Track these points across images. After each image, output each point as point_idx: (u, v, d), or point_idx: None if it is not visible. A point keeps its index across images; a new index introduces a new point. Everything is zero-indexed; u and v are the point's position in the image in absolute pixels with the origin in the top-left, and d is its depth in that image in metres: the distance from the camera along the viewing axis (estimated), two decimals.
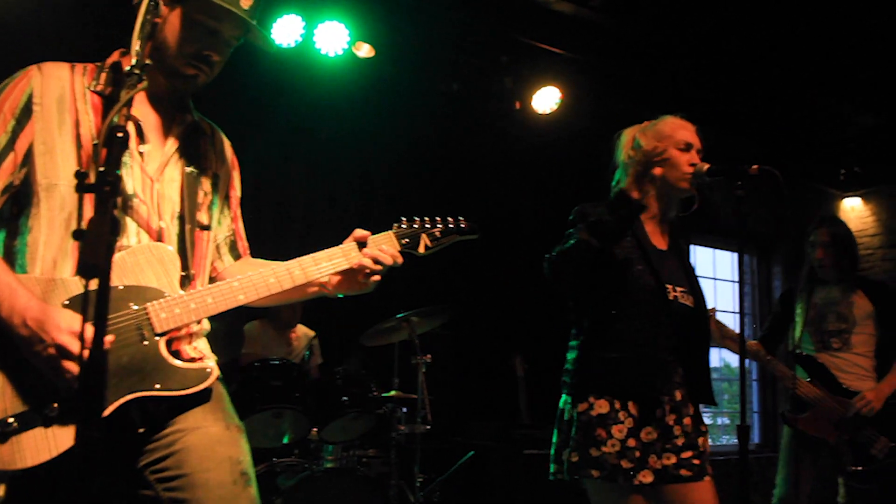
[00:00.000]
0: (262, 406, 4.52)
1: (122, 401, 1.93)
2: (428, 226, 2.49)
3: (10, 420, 1.84)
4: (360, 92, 6.36)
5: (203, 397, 2.15)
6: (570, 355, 3.16)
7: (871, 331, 4.69)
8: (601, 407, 2.95)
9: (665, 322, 3.05)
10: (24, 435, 1.84)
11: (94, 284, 1.30)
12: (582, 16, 5.99)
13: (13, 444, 1.83)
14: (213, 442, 2.08)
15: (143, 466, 2.06)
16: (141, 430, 2.02)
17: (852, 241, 4.88)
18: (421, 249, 2.45)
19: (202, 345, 2.21)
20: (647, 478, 2.90)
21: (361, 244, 2.35)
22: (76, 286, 1.94)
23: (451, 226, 2.53)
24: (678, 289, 3.12)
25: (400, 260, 2.37)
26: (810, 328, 4.79)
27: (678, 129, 3.17)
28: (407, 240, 2.43)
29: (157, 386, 1.99)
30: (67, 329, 1.81)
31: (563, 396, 3.13)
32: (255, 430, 4.60)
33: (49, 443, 1.85)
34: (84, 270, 1.29)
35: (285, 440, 4.79)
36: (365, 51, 6.02)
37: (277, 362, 4.72)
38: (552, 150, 7.40)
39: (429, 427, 5.04)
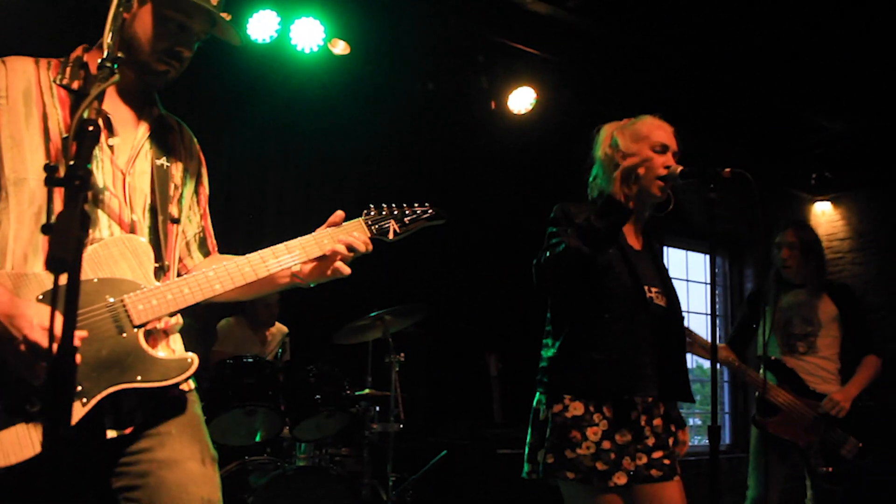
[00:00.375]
0: (234, 404, 4.50)
1: (104, 394, 1.91)
2: (396, 212, 2.50)
3: None
4: (335, 89, 6.34)
5: (179, 406, 2.15)
6: (547, 353, 3.14)
7: (835, 333, 4.75)
8: (576, 409, 2.95)
9: (643, 322, 3.07)
10: (4, 432, 1.82)
11: (63, 279, 1.28)
12: (558, 16, 6.00)
13: None
14: (188, 481, 2.06)
15: (117, 489, 2.04)
16: (112, 436, 1.99)
17: (819, 245, 4.94)
18: (390, 236, 2.46)
19: (177, 342, 2.19)
20: (621, 479, 2.90)
21: (335, 227, 2.35)
22: (50, 281, 1.91)
23: (417, 212, 2.54)
24: (653, 289, 3.13)
25: (370, 247, 2.37)
26: (777, 331, 4.85)
27: (655, 130, 3.16)
28: (377, 227, 2.44)
29: (139, 378, 1.96)
30: (39, 324, 1.79)
31: (538, 395, 3.12)
32: (227, 427, 4.58)
33: (32, 439, 1.82)
34: (53, 265, 1.27)
35: (258, 438, 4.76)
36: (340, 48, 6.00)
37: (250, 360, 4.69)
38: (527, 149, 7.43)
39: (402, 426, 5.05)
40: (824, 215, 9.83)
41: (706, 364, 9.80)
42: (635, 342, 3.04)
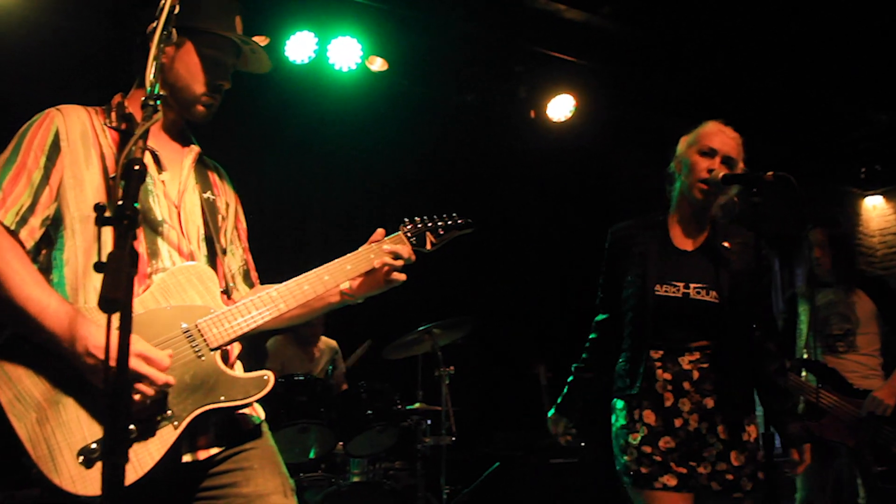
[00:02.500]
0: (287, 422, 4.55)
1: (193, 415, 1.99)
2: (430, 224, 2.61)
3: (94, 446, 1.87)
4: (374, 106, 6.39)
5: (255, 438, 2.22)
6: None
7: (874, 329, 4.67)
8: (622, 418, 3.09)
9: (648, 322, 3.07)
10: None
11: (115, 318, 1.32)
12: (593, 23, 5.99)
13: (100, 470, 1.83)
14: None
15: None
16: (187, 460, 2.04)
17: (850, 241, 4.88)
18: (427, 247, 2.58)
19: (238, 363, 2.26)
20: (670, 481, 2.92)
21: (377, 242, 2.45)
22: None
23: (449, 222, 2.67)
24: (692, 285, 3.10)
25: (414, 257, 2.48)
26: (815, 332, 4.77)
27: (709, 135, 3.14)
28: (415, 239, 2.54)
29: (223, 398, 2.04)
30: (133, 353, 1.84)
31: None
32: (280, 445, 4.56)
33: (133, 463, 1.89)
34: (105, 304, 1.32)
35: (311, 455, 4.82)
36: (378, 65, 6.05)
37: (301, 378, 4.75)
38: (569, 156, 7.40)
39: (454, 438, 5.06)
40: (875, 210, 9.62)
41: None
42: (640, 340, 3.10)
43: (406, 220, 2.57)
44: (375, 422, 4.78)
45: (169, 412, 1.95)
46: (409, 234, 2.53)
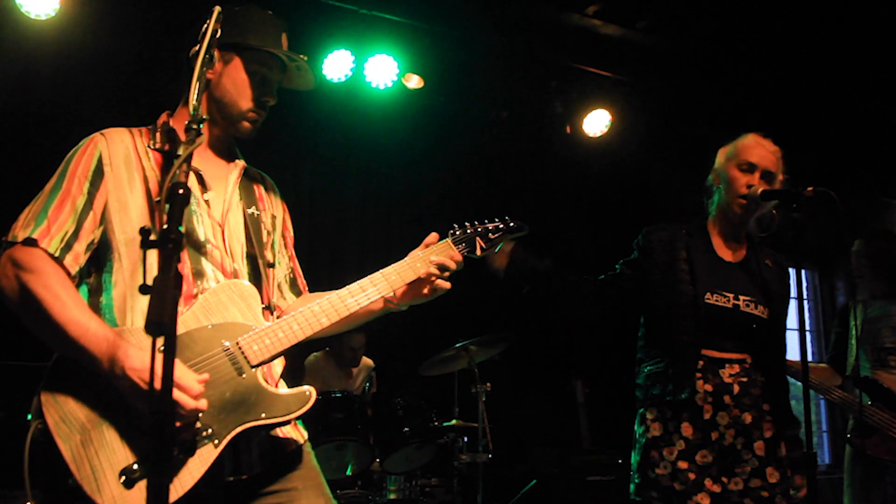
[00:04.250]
0: (324, 439, 4.56)
1: (233, 433, 1.99)
2: (480, 229, 2.56)
3: (135, 466, 1.89)
4: (410, 123, 6.42)
5: (298, 459, 2.22)
6: (636, 368, 3.27)
7: None
8: (655, 429, 3.01)
9: (692, 327, 3.04)
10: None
11: (160, 342, 1.34)
12: (629, 38, 5.99)
13: (140, 490, 1.88)
14: None
15: None
16: (230, 480, 2.05)
17: (891, 251, 4.78)
18: (477, 252, 2.52)
19: (283, 384, 2.26)
20: (704, 500, 2.88)
21: (426, 249, 2.42)
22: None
23: (501, 226, 2.60)
24: (742, 297, 3.08)
25: (462, 265, 2.43)
26: (865, 345, 4.68)
27: (748, 149, 3.14)
28: (464, 244, 2.49)
29: (264, 415, 2.03)
30: (142, 373, 1.87)
31: (637, 415, 3.19)
32: (318, 462, 4.64)
33: (174, 483, 1.90)
34: (151, 328, 1.33)
35: (348, 472, 4.82)
36: (414, 82, 6.08)
37: (339, 395, 4.77)
38: (605, 172, 7.37)
39: (490, 455, 5.04)
40: None
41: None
42: (688, 346, 3.03)
43: (455, 225, 2.53)
44: (412, 439, 4.78)
45: (209, 430, 1.96)
46: (457, 241, 2.48)
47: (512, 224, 2.62)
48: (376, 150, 6.45)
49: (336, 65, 5.77)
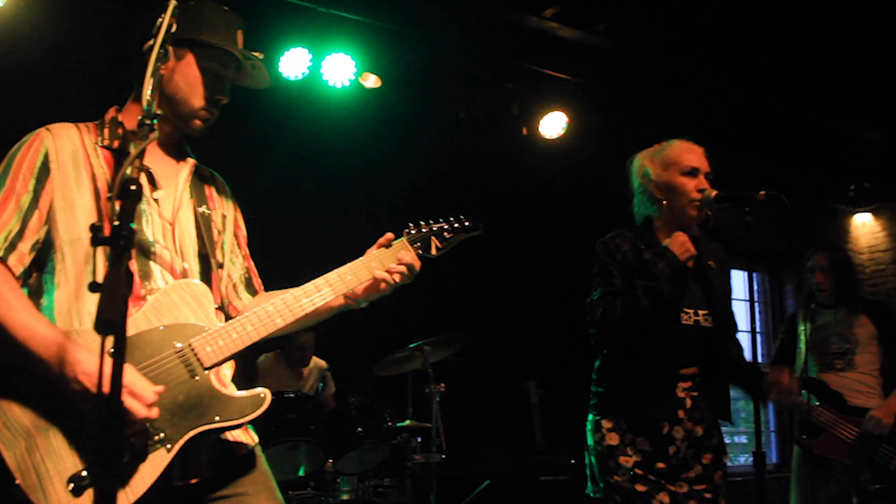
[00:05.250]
0: (277, 439, 4.52)
1: (186, 437, 1.95)
2: (435, 228, 2.55)
3: (84, 473, 1.84)
4: (367, 122, 6.40)
5: (249, 464, 2.19)
6: (594, 378, 3.23)
7: (874, 350, 4.70)
8: (611, 439, 3.04)
9: (675, 345, 3.06)
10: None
11: (110, 341, 1.31)
12: (586, 41, 6.03)
13: (89, 498, 1.82)
14: None
15: None
16: (178, 485, 2.00)
17: (851, 264, 4.92)
18: (433, 252, 2.51)
19: (234, 387, 2.22)
20: (665, 498, 2.92)
21: (386, 247, 2.41)
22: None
23: (456, 225, 2.59)
24: (700, 312, 3.12)
25: (418, 265, 2.41)
26: (814, 351, 4.80)
27: (684, 154, 3.17)
28: (419, 244, 2.49)
29: (217, 418, 2.00)
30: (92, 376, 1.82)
31: (587, 422, 3.20)
32: (270, 463, 4.57)
33: (125, 489, 1.86)
34: (101, 326, 1.30)
35: (301, 472, 4.78)
36: (371, 81, 6.06)
37: (292, 395, 4.73)
38: (561, 174, 7.42)
39: (444, 456, 5.04)
40: (864, 227, 9.68)
41: None
42: (671, 368, 3.05)
43: (410, 224, 2.52)
44: (365, 439, 4.76)
45: (162, 435, 1.91)
46: (412, 240, 2.47)
47: (467, 223, 2.61)
48: (333, 149, 6.40)
49: (293, 63, 5.73)
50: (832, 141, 8.07)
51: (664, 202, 3.16)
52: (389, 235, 2.44)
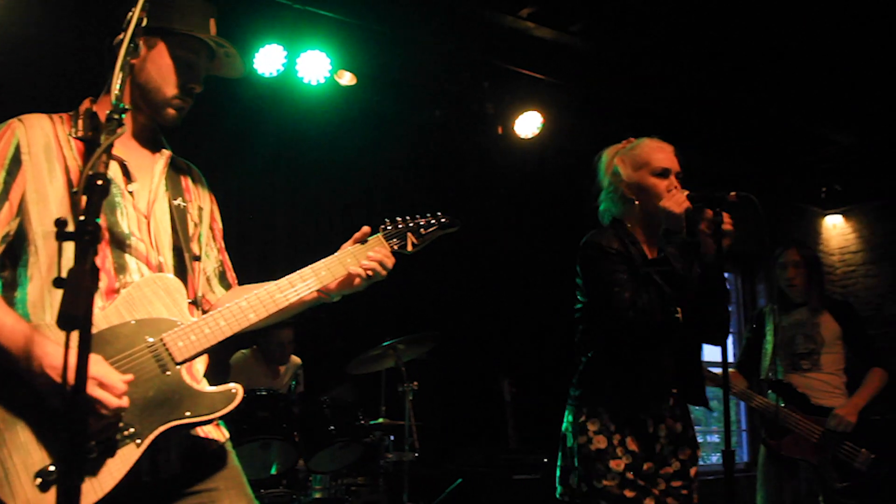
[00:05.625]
0: (248, 437, 4.49)
1: (156, 433, 1.93)
2: (412, 224, 2.54)
3: (51, 468, 1.82)
4: (342, 120, 6.38)
5: (220, 460, 2.18)
6: (578, 377, 3.18)
7: (839, 350, 4.78)
8: (599, 442, 2.99)
9: (670, 342, 3.08)
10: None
11: (74, 336, 1.30)
12: (562, 41, 6.04)
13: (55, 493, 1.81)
14: None
15: None
16: (147, 480, 1.99)
17: (820, 263, 4.98)
18: (409, 248, 2.50)
19: (206, 382, 2.21)
20: (650, 503, 2.92)
21: (363, 242, 2.40)
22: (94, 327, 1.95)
23: (432, 221, 2.59)
24: (678, 308, 3.12)
25: (392, 262, 2.41)
26: (780, 351, 4.85)
27: (654, 154, 3.16)
28: (395, 239, 2.48)
29: (188, 413, 1.99)
30: (89, 375, 1.80)
31: (566, 421, 3.15)
32: (241, 461, 4.52)
33: (93, 484, 1.83)
34: (63, 322, 1.29)
35: (273, 471, 4.76)
36: (347, 79, 6.04)
37: (264, 393, 4.70)
38: (536, 174, 7.44)
39: (417, 454, 5.04)
40: (836, 228, 9.78)
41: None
42: (660, 362, 3.06)
43: (387, 220, 2.52)
44: (338, 437, 4.74)
45: (131, 430, 1.90)
46: (389, 236, 2.47)
47: (444, 220, 2.61)
48: (308, 145, 6.39)
49: (268, 60, 5.69)
50: (804, 143, 8.15)
51: (636, 202, 3.16)
52: (366, 229, 2.43)
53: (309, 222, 6.50)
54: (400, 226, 2.52)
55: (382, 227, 2.50)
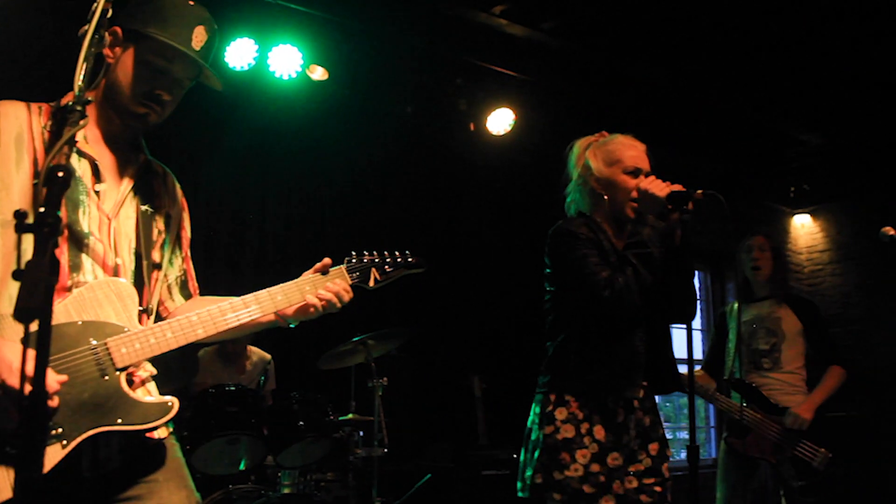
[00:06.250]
0: (217, 433, 4.48)
1: (84, 436, 1.92)
2: (377, 261, 2.53)
3: None
4: (314, 114, 6.36)
5: (160, 453, 2.16)
6: (546, 365, 3.18)
7: (799, 348, 4.84)
8: (567, 431, 2.99)
9: (639, 336, 3.10)
10: None
11: (33, 326, 1.29)
12: (534, 38, 6.06)
13: None
14: None
15: None
16: (86, 476, 1.98)
17: (783, 254, 5.03)
18: (371, 283, 2.50)
19: (153, 387, 2.19)
20: (608, 503, 2.92)
21: (324, 272, 2.40)
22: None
23: (399, 260, 2.58)
24: None
25: (349, 296, 2.41)
26: (742, 347, 4.89)
27: (626, 152, 3.18)
28: (357, 273, 2.47)
29: (119, 420, 1.97)
30: (18, 368, 1.78)
31: (532, 415, 3.15)
32: (210, 457, 4.56)
33: (10, 481, 1.82)
34: (19, 314, 1.28)
35: (241, 467, 4.74)
36: (319, 73, 6.02)
37: (233, 388, 4.68)
38: (507, 171, 7.46)
39: (386, 450, 5.04)
40: (804, 228, 9.89)
41: None
42: (631, 346, 3.08)
43: (353, 252, 2.51)
44: (307, 433, 4.73)
45: (59, 430, 1.89)
46: (351, 269, 2.47)
47: (410, 259, 2.61)
48: (279, 140, 6.35)
49: (239, 53, 5.67)
50: (774, 143, 8.24)
51: (605, 197, 3.18)
52: (327, 261, 2.42)
53: (279, 217, 6.47)
54: (365, 260, 2.51)
55: (347, 258, 2.50)
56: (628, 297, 2.94)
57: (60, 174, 1.38)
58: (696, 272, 8.74)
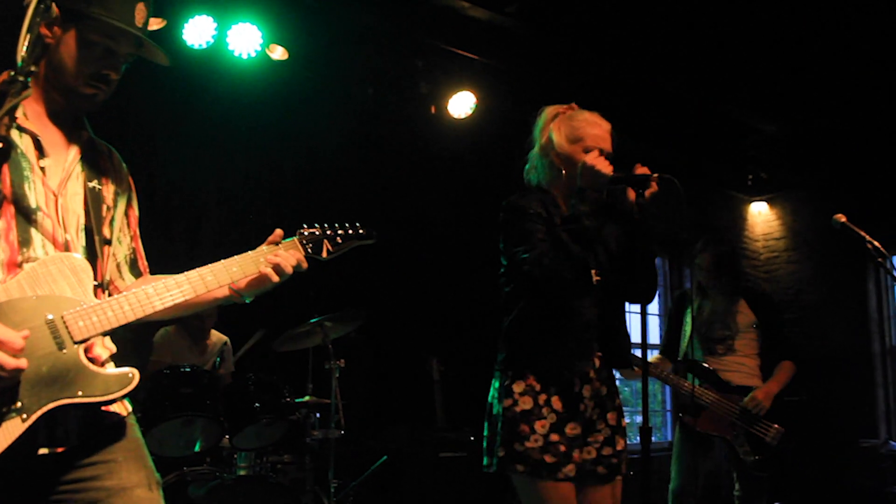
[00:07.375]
0: (172, 414, 4.44)
1: (44, 409, 1.90)
2: (329, 232, 2.57)
3: None
4: (273, 94, 6.29)
5: (119, 431, 2.15)
6: (503, 338, 3.18)
7: (752, 337, 5.03)
8: (525, 403, 3.00)
9: (588, 301, 3.11)
10: None
11: None
12: (497, 22, 6.05)
13: None
14: None
15: None
16: (43, 453, 1.97)
17: (734, 255, 5.19)
18: (323, 254, 2.54)
19: (110, 361, 2.17)
20: (571, 471, 2.95)
21: (276, 244, 2.42)
22: None
23: (350, 232, 2.62)
24: (593, 269, 3.15)
25: (305, 265, 2.43)
26: (698, 336, 5.06)
27: (591, 130, 3.18)
28: (311, 245, 2.50)
29: (80, 393, 1.95)
30: None
31: (492, 390, 3.17)
32: (165, 438, 4.52)
33: None
34: None
35: (197, 448, 4.70)
36: (279, 53, 5.96)
37: (188, 369, 4.64)
38: (467, 154, 7.45)
39: (343, 432, 5.04)
40: (760, 215, 10.04)
41: None
42: (583, 319, 3.09)
43: (305, 225, 2.54)
44: (263, 414, 4.70)
45: (19, 404, 1.87)
46: (304, 241, 2.49)
47: (361, 231, 2.66)
48: (238, 120, 6.28)
49: (197, 31, 5.59)
50: (732, 131, 8.33)
51: (563, 172, 3.19)
52: (279, 232, 2.44)
53: (238, 195, 6.41)
54: (317, 232, 2.55)
55: (300, 231, 2.52)
56: (556, 274, 2.94)
57: (1, 145, 1.35)
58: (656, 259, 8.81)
